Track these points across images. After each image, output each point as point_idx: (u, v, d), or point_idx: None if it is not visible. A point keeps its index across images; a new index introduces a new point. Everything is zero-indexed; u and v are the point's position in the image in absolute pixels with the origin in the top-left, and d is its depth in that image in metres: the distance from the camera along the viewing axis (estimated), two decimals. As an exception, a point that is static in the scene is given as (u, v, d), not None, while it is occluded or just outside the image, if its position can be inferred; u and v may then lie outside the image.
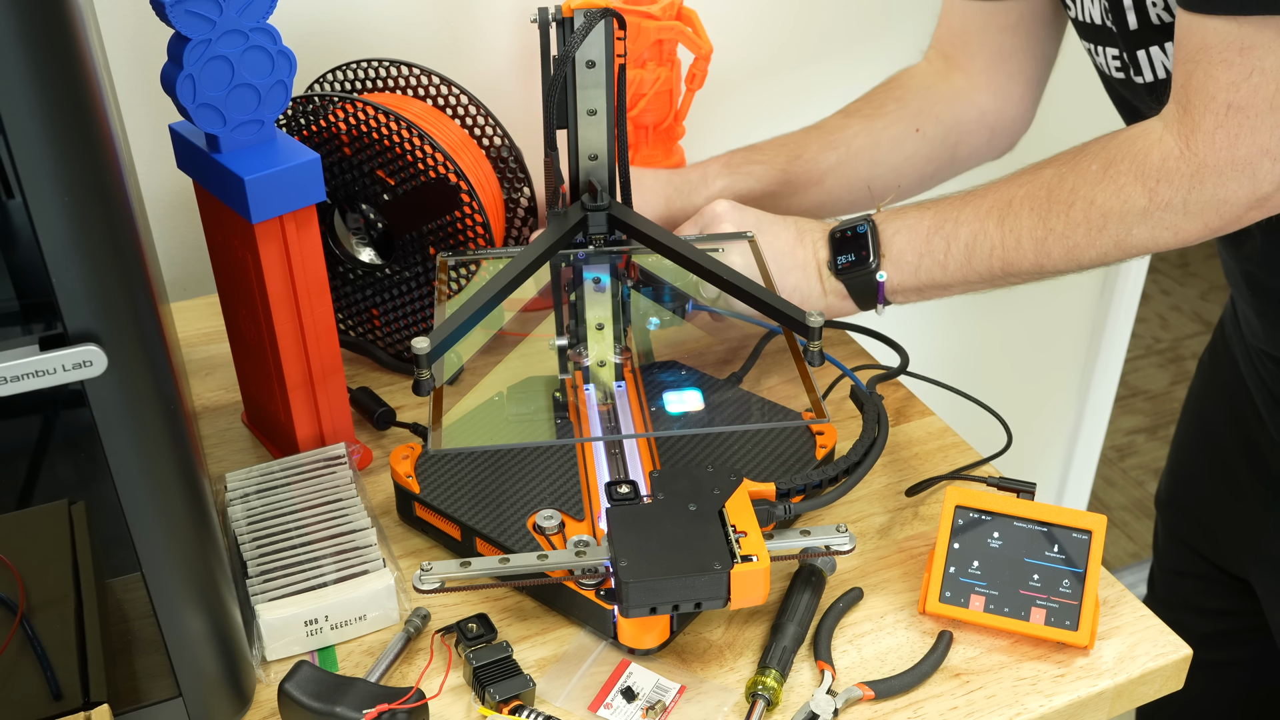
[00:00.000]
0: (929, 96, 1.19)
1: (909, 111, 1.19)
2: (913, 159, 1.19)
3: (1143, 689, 0.86)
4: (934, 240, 0.98)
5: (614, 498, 0.85)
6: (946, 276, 0.99)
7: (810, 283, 1.02)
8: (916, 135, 1.18)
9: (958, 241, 0.97)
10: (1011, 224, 0.95)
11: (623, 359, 1.00)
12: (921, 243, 0.99)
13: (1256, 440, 1.16)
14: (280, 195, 0.88)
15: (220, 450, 1.05)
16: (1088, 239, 0.93)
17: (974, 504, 0.88)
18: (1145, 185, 0.89)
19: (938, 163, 1.20)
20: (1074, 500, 2.20)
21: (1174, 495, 1.33)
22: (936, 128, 1.19)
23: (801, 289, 1.02)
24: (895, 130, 1.19)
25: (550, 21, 0.91)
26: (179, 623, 0.73)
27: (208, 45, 0.83)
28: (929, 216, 0.99)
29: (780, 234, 1.03)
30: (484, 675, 0.80)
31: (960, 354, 1.92)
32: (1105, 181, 0.91)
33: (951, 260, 0.98)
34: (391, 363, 1.13)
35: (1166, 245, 0.92)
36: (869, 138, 1.19)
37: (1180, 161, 0.88)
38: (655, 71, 1.22)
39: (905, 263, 0.99)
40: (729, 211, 1.04)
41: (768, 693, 0.81)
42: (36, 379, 0.61)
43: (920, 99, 1.19)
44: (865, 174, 1.18)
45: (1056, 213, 0.93)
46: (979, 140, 1.20)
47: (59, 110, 0.57)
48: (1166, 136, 0.89)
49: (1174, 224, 0.90)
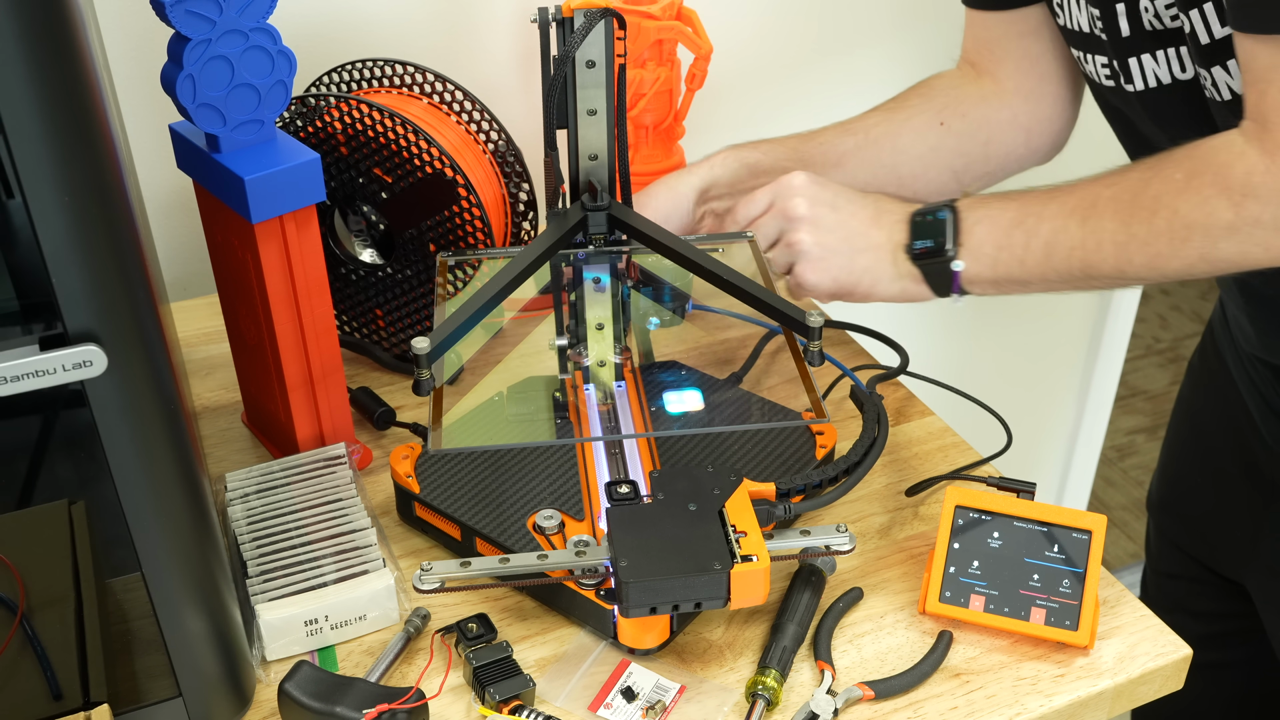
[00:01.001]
0: (956, 95, 1.17)
1: (933, 106, 1.17)
2: (938, 150, 1.16)
3: (1143, 689, 0.86)
4: (1014, 234, 0.95)
5: (614, 498, 0.85)
6: (1024, 272, 0.95)
7: (881, 265, 0.99)
8: (941, 128, 1.16)
9: (1038, 237, 0.94)
10: (1094, 225, 0.92)
11: (623, 359, 1.00)
12: (1002, 235, 0.95)
13: (1248, 443, 1.16)
14: (280, 195, 0.88)
15: (220, 450, 1.05)
16: (1171, 249, 0.89)
17: (974, 504, 0.88)
18: (1231, 200, 0.86)
19: (967, 157, 1.17)
20: (1074, 500, 2.20)
21: (1165, 498, 1.33)
22: (963, 123, 1.16)
23: (872, 271, 0.99)
24: (917, 121, 1.17)
25: (550, 21, 0.91)
26: (179, 623, 0.73)
27: (208, 45, 0.83)
28: (1012, 208, 0.96)
29: (857, 212, 1.00)
30: (484, 675, 0.80)
31: (960, 354, 1.91)
32: (1189, 192, 0.88)
33: (1030, 256, 0.95)
34: (392, 363, 1.13)
35: (1258, 263, 0.88)
36: (889, 126, 1.17)
37: (1267, 177, 0.85)
38: (655, 71, 1.22)
39: (983, 254, 0.96)
40: (805, 185, 1.00)
41: (768, 693, 0.81)
42: (36, 379, 0.61)
43: (946, 97, 1.18)
44: (888, 160, 1.16)
45: (1140, 219, 0.90)
46: (1014, 140, 1.17)
47: (59, 110, 0.57)
48: (1249, 152, 0.86)
49: (1264, 240, 0.86)
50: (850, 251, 0.99)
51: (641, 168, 1.26)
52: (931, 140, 1.16)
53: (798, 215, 0.98)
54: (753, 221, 1.01)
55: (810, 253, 0.98)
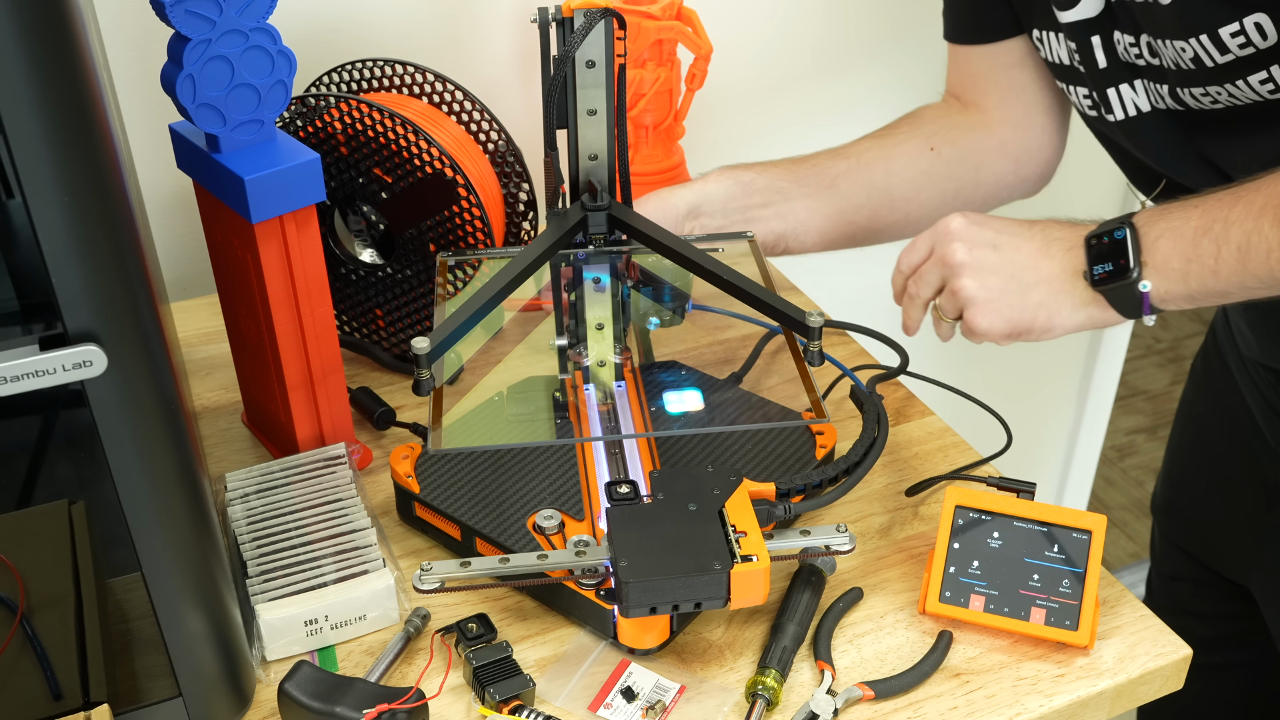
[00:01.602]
0: (944, 124, 1.18)
1: (922, 133, 1.17)
2: (929, 174, 1.16)
3: (1143, 689, 0.86)
4: (1202, 244, 0.88)
5: (614, 498, 0.85)
6: (1220, 283, 0.89)
7: (1059, 298, 0.92)
8: (931, 153, 1.16)
9: (1229, 244, 0.87)
10: None
11: (623, 359, 1.00)
12: (1188, 247, 0.88)
13: (1251, 446, 1.16)
14: (280, 195, 0.88)
15: (220, 450, 1.05)
16: None
17: (974, 504, 0.88)
18: None
19: (959, 182, 1.17)
20: (1074, 500, 2.20)
21: (1170, 501, 1.33)
22: (953, 149, 1.16)
23: (1048, 305, 0.92)
24: (908, 146, 1.16)
25: (550, 21, 0.91)
26: (179, 623, 0.73)
27: (208, 45, 0.83)
28: (1195, 216, 0.89)
29: (1023, 246, 0.93)
30: (484, 675, 0.80)
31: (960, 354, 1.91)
32: None
33: (1224, 265, 0.88)
34: (392, 363, 1.13)
35: None
36: (880, 151, 1.17)
37: None
38: (655, 71, 1.22)
39: (1171, 270, 0.89)
40: (962, 228, 0.93)
41: (768, 693, 0.81)
42: (36, 379, 0.61)
43: (935, 125, 1.18)
44: (881, 182, 1.15)
45: None
46: (1004, 168, 1.17)
47: (59, 110, 0.57)
48: None
49: None
50: (1020, 289, 0.92)
51: (641, 168, 1.26)
52: (923, 164, 1.16)
53: (957, 261, 0.92)
54: (915, 270, 0.97)
55: (977, 298, 0.92)
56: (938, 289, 0.95)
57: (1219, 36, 0.90)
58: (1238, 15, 0.89)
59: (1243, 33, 0.89)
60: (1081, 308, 0.92)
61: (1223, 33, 0.90)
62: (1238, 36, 0.90)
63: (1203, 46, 0.91)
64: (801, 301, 1.30)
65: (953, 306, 0.94)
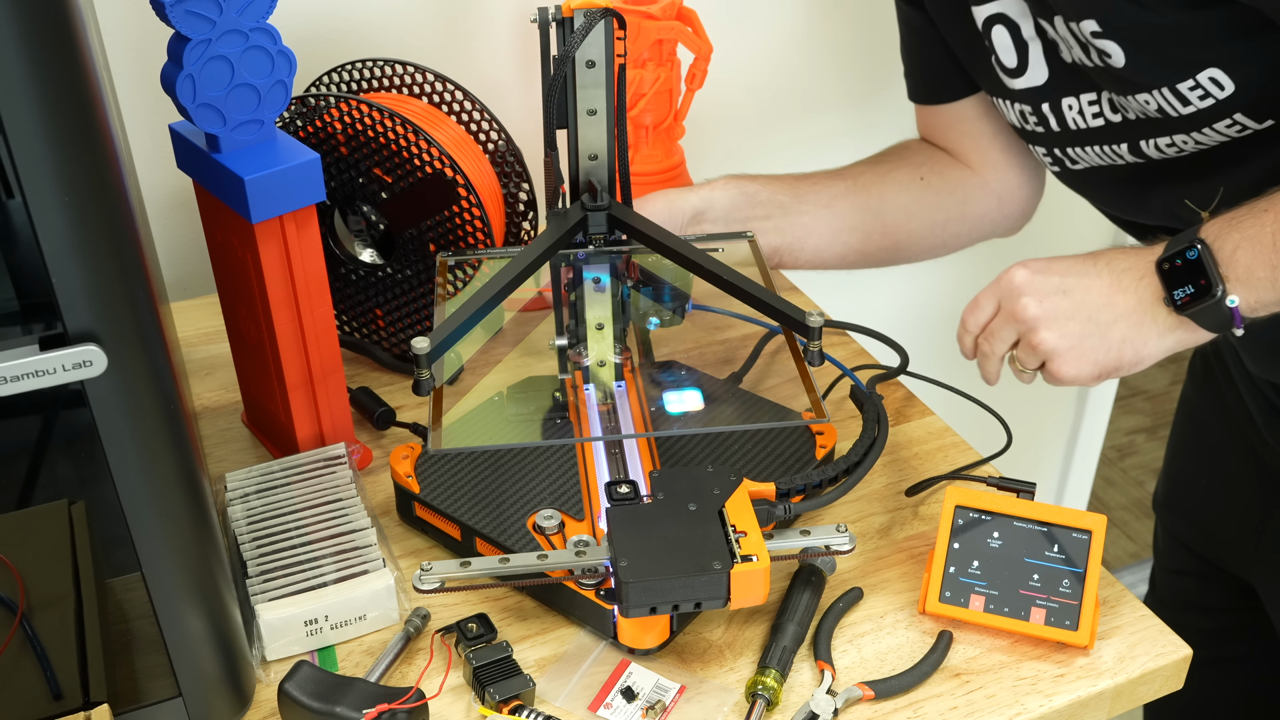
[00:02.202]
0: (929, 156, 1.19)
1: (911, 163, 1.19)
2: (920, 202, 1.17)
3: (1143, 689, 0.86)
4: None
5: (614, 498, 0.85)
6: None
7: (1142, 329, 0.89)
8: (921, 183, 1.17)
9: None
10: None
11: (623, 359, 1.00)
12: (1269, 253, 0.85)
13: (1251, 443, 1.16)
14: (280, 195, 0.88)
15: (220, 450, 1.05)
16: None
17: (974, 504, 0.88)
18: None
19: (947, 213, 1.18)
20: (1074, 500, 2.20)
21: (1171, 498, 1.33)
22: (941, 181, 1.18)
23: (1133, 339, 0.89)
24: (899, 174, 1.18)
25: (550, 21, 0.91)
26: (179, 623, 0.73)
27: (208, 45, 0.83)
28: (1270, 220, 0.85)
29: (1093, 285, 0.90)
30: (484, 675, 0.80)
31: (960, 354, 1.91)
32: None
33: None
34: (392, 363, 1.13)
35: None
36: (874, 176, 1.18)
37: None
38: (655, 71, 1.22)
39: (1257, 279, 0.85)
40: (1028, 280, 0.90)
41: (768, 693, 0.81)
42: (36, 379, 0.61)
43: (921, 156, 1.19)
44: (875, 206, 1.17)
45: None
46: (988, 204, 1.18)
47: (59, 110, 0.57)
48: None
49: None
50: (1100, 330, 0.89)
51: (641, 168, 1.26)
52: (914, 192, 1.18)
53: (1030, 316, 0.90)
54: (983, 328, 0.95)
55: (1058, 348, 0.89)
56: (1013, 344, 0.93)
57: (1178, 91, 0.92)
58: (1191, 72, 0.90)
59: (1199, 87, 0.91)
60: (1168, 333, 0.89)
61: (1180, 88, 0.91)
62: (1195, 90, 0.91)
63: (1164, 99, 0.93)
64: (801, 301, 1.30)
65: (1034, 359, 0.91)
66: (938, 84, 1.16)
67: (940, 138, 1.20)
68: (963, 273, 1.81)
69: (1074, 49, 0.97)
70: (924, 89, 1.18)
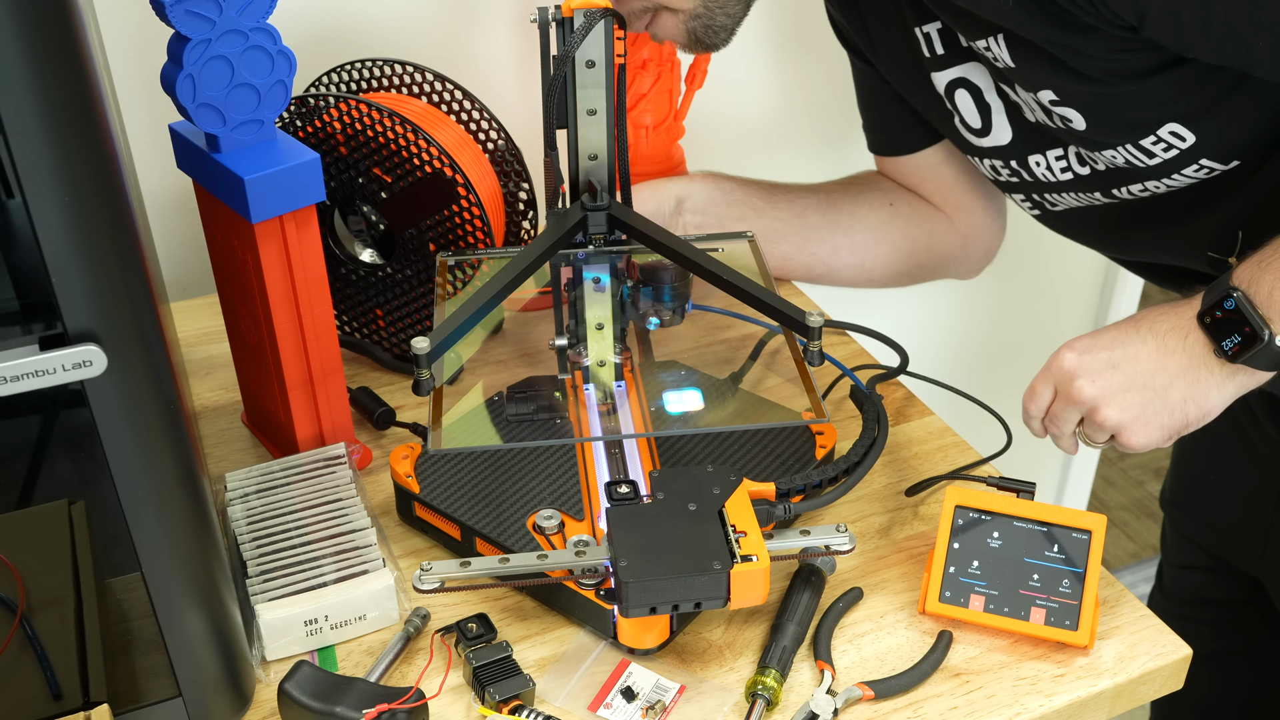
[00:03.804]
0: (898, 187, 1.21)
1: (881, 190, 1.21)
2: (888, 226, 1.19)
3: (1142, 689, 0.86)
4: None
5: (614, 498, 0.85)
6: None
7: (1200, 385, 0.89)
8: (890, 208, 1.20)
9: None
10: None
11: (623, 359, 1.00)
12: None
13: (1256, 440, 1.16)
14: (280, 195, 0.88)
15: (220, 450, 1.05)
16: None
17: (974, 504, 0.88)
18: None
19: (913, 242, 1.20)
20: (1074, 500, 2.20)
21: (1179, 495, 1.33)
22: (910, 209, 1.20)
23: (1194, 397, 0.89)
24: (870, 197, 1.20)
25: (550, 21, 0.91)
26: (179, 623, 0.73)
27: (208, 45, 0.83)
28: None
29: (1140, 352, 0.90)
30: (484, 675, 0.80)
31: (960, 354, 1.91)
32: None
33: None
34: (391, 363, 1.13)
35: None
36: (846, 195, 1.21)
37: None
38: (655, 71, 1.22)
39: None
40: (1078, 363, 0.90)
41: (767, 692, 0.81)
42: (36, 379, 0.61)
43: (890, 184, 1.22)
44: (845, 224, 1.19)
45: None
46: (953, 242, 1.21)
47: (59, 110, 0.57)
48: None
49: None
50: (1159, 396, 0.89)
51: (641, 168, 1.26)
52: (883, 216, 1.20)
53: (1088, 397, 0.90)
54: (1045, 412, 0.95)
55: (1122, 421, 0.89)
56: (1078, 423, 0.93)
57: (1141, 146, 0.94)
58: (1150, 130, 0.92)
59: (1161, 140, 0.93)
60: (1227, 381, 0.89)
61: (1143, 144, 0.93)
62: (1158, 144, 0.93)
63: (1129, 153, 0.95)
64: (801, 301, 1.30)
65: (1102, 434, 0.92)
66: (894, 137, 1.18)
67: (903, 183, 1.21)
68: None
69: (1036, 112, 0.98)
70: (883, 143, 1.20)
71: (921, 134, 1.15)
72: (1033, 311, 1.94)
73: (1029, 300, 1.92)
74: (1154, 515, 2.57)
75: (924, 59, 1.04)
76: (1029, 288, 1.90)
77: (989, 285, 1.85)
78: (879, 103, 1.16)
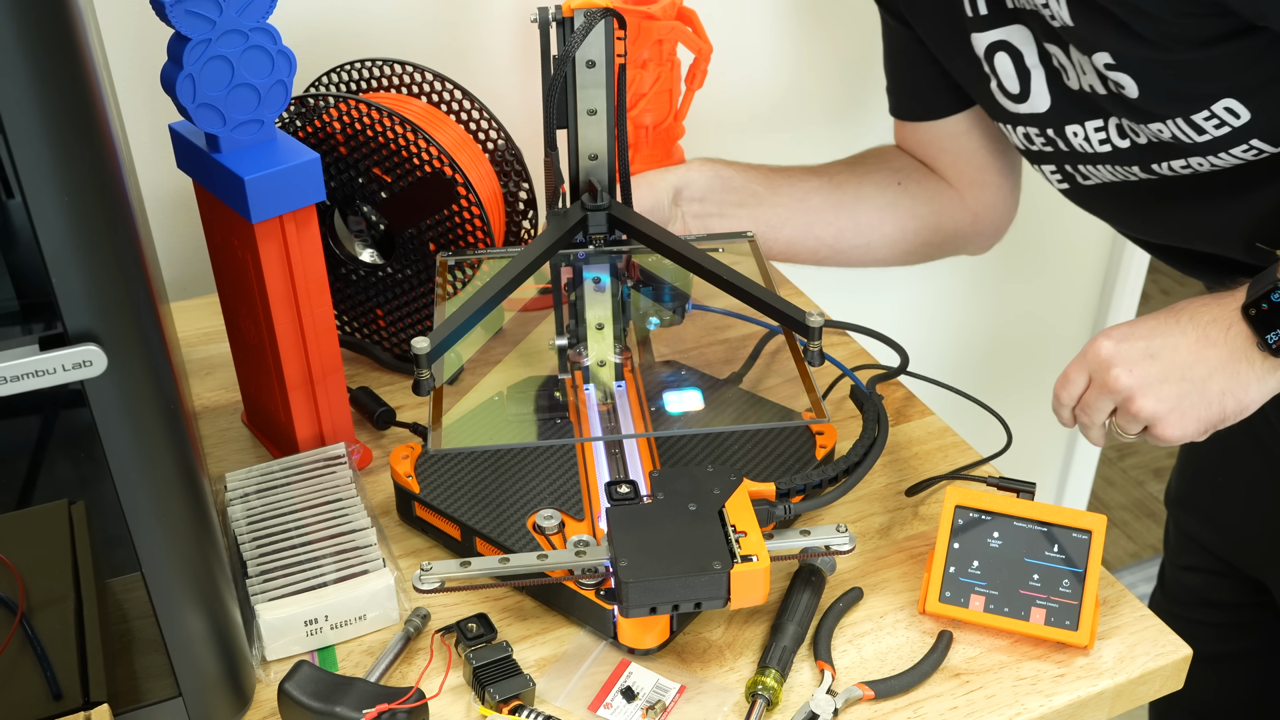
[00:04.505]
0: (908, 164, 1.19)
1: (890, 168, 1.19)
2: (895, 206, 1.17)
3: (1142, 689, 0.86)
4: None
5: (614, 498, 0.85)
6: None
7: (1239, 379, 0.87)
8: (898, 187, 1.18)
9: None
10: None
11: (623, 359, 1.00)
12: None
13: (1265, 440, 1.16)
14: (280, 195, 0.88)
15: (220, 450, 1.05)
16: None
17: (974, 504, 0.88)
18: None
19: (920, 221, 1.18)
20: (1074, 500, 2.20)
21: (1185, 495, 1.32)
22: (919, 189, 1.18)
23: (1233, 390, 0.88)
24: (877, 176, 1.18)
25: (550, 21, 0.91)
26: (179, 623, 0.73)
27: (208, 45, 0.83)
28: None
29: (1179, 343, 0.88)
30: (484, 675, 0.80)
31: (960, 354, 1.91)
32: None
33: None
34: (392, 363, 1.13)
35: None
36: (851, 175, 1.18)
37: None
38: (655, 71, 1.22)
39: None
40: (1115, 351, 0.89)
41: (767, 692, 0.81)
42: (36, 379, 0.61)
43: (900, 161, 1.20)
44: (849, 205, 1.17)
45: None
46: (963, 220, 1.19)
47: (59, 110, 0.57)
48: None
49: None
50: (1197, 387, 0.88)
51: (641, 168, 1.26)
52: (890, 195, 1.17)
53: (1123, 386, 0.89)
54: (1078, 401, 0.94)
55: (1158, 411, 0.88)
56: (1110, 413, 0.92)
57: (1192, 121, 0.92)
58: (1205, 104, 0.90)
59: (1214, 117, 0.91)
60: (1268, 376, 0.88)
61: (1195, 119, 0.91)
62: (1210, 120, 0.91)
63: (1178, 128, 0.92)
64: (802, 301, 1.30)
65: (1135, 425, 0.91)
66: (921, 102, 1.16)
67: (919, 152, 1.19)
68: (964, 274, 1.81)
69: (1087, 77, 0.96)
70: (906, 106, 1.18)
71: (949, 99, 1.13)
72: (1033, 312, 1.94)
73: (1029, 301, 1.92)
74: (1154, 515, 2.57)
75: (965, 19, 1.01)
76: (1029, 288, 1.90)
77: (989, 286, 1.85)
78: (909, 64, 1.14)
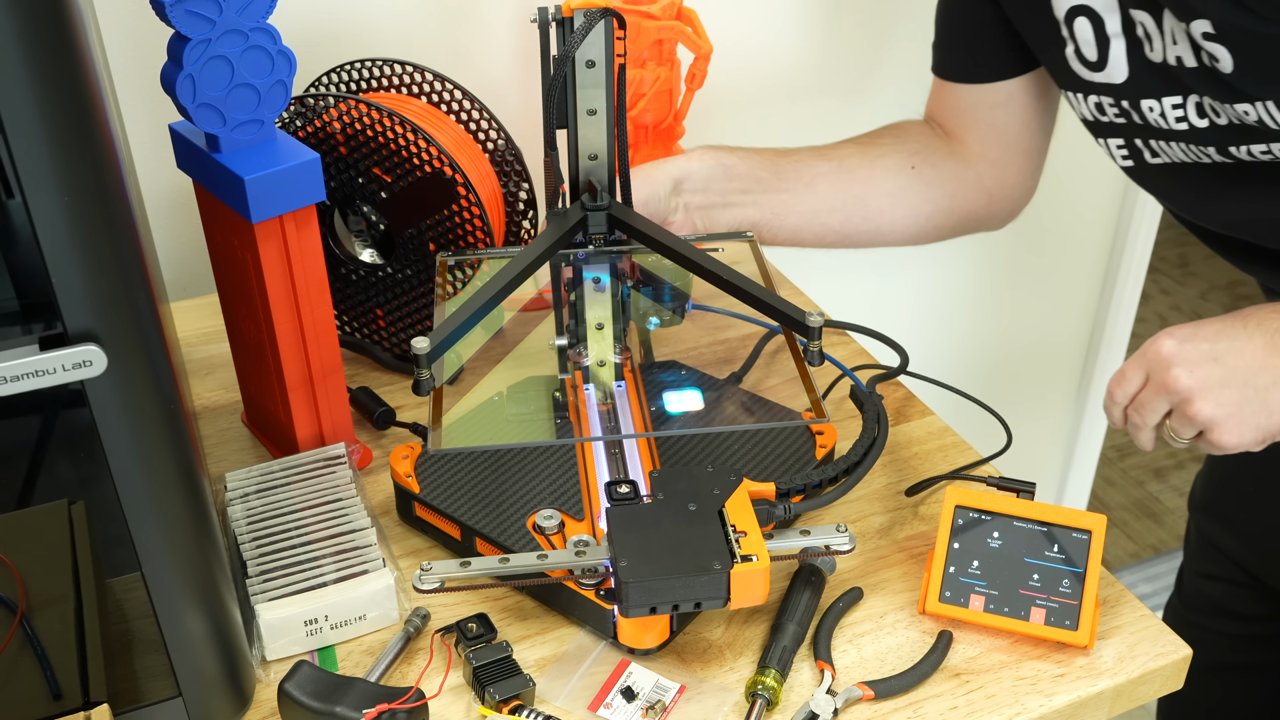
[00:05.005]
0: (926, 145, 1.17)
1: (904, 149, 1.16)
2: (907, 191, 1.15)
3: (1142, 689, 0.86)
4: None
5: (614, 498, 0.85)
6: None
7: None
8: (911, 171, 1.15)
9: None
10: None
11: (623, 359, 1.00)
12: None
13: None
14: (280, 195, 0.88)
15: (220, 450, 1.05)
16: None
17: (974, 504, 0.88)
18: None
19: (934, 205, 1.16)
20: (1074, 500, 2.20)
21: (1210, 501, 1.29)
22: (933, 172, 1.15)
23: None
24: (889, 160, 1.15)
25: (550, 21, 0.91)
26: (179, 623, 0.73)
27: (208, 45, 0.83)
28: None
29: (1245, 349, 0.86)
30: (484, 675, 0.80)
31: (960, 354, 1.92)
32: None
33: None
34: (391, 363, 1.13)
35: None
36: (862, 159, 1.15)
37: None
38: (655, 71, 1.22)
39: None
40: (1176, 350, 0.86)
41: (767, 692, 0.81)
42: (36, 379, 0.61)
43: (917, 142, 1.17)
44: (859, 190, 1.14)
45: None
46: (977, 202, 1.17)
47: (59, 110, 0.57)
48: None
49: None
50: (1259, 395, 0.85)
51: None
52: (902, 180, 1.15)
53: (1183, 388, 0.86)
54: (1132, 399, 0.91)
55: (1216, 417, 0.86)
56: (1165, 414, 0.90)
57: None
58: None
59: None
60: None
61: None
62: None
63: (1267, 111, 0.89)
64: (802, 301, 1.30)
65: (1190, 429, 0.88)
66: (975, 62, 1.11)
67: (948, 118, 1.16)
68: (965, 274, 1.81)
69: (1175, 47, 0.93)
70: (952, 64, 1.14)
71: (1005, 62, 1.09)
72: (1032, 312, 1.95)
73: (1028, 300, 1.92)
74: (1154, 515, 2.57)
75: None
76: (1029, 288, 1.90)
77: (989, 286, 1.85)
78: (966, 21, 1.10)
